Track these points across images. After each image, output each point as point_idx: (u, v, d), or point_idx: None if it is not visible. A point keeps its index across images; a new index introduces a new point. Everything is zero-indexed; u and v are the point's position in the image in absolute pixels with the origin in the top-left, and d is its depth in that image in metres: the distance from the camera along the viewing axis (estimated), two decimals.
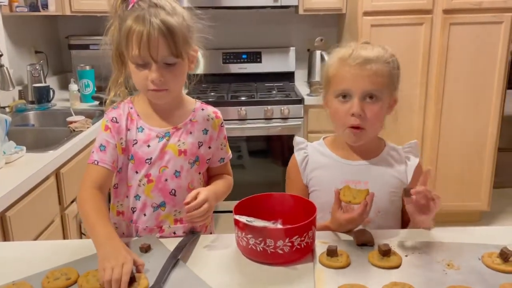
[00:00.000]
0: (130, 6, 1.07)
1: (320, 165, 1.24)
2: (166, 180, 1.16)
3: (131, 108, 1.18)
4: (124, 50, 1.09)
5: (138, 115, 1.17)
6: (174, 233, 1.18)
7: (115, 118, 1.16)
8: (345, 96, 1.15)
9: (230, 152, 1.29)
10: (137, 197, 1.17)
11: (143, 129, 1.16)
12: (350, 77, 1.13)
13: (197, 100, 1.25)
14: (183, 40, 1.06)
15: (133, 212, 1.18)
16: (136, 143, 1.15)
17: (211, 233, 1.26)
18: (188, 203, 1.06)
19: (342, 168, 1.21)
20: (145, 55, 1.05)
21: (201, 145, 1.19)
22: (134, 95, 1.21)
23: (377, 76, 1.13)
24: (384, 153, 1.23)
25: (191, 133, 1.18)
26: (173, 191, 1.17)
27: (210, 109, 1.24)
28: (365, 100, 1.14)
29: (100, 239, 0.99)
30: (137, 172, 1.16)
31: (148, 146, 1.15)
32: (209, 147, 1.21)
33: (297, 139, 1.30)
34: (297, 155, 1.26)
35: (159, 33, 1.03)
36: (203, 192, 1.09)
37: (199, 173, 1.21)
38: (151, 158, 1.15)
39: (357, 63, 1.12)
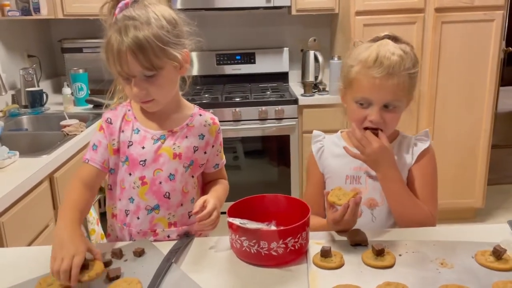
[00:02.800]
0: (113, 19, 1.07)
1: (334, 154, 1.30)
2: (160, 183, 1.16)
3: (129, 110, 1.19)
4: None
5: (135, 117, 1.18)
6: (168, 236, 1.18)
7: (110, 119, 1.18)
8: (363, 103, 1.16)
9: (224, 158, 1.30)
10: (131, 199, 1.17)
11: (139, 130, 1.17)
12: (371, 87, 1.13)
13: (195, 105, 1.26)
14: (158, 51, 1.04)
15: (127, 214, 1.18)
16: (131, 144, 1.16)
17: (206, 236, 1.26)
18: (197, 212, 1.06)
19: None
20: (120, 71, 1.06)
21: (197, 149, 1.20)
22: None
23: (398, 89, 1.13)
24: (395, 142, 1.26)
25: (187, 137, 1.18)
26: (167, 194, 1.17)
27: (208, 115, 1.24)
28: (384, 108, 1.15)
29: (60, 224, 1.02)
30: (130, 174, 1.16)
31: (143, 147, 1.15)
32: (205, 152, 1.22)
33: (315, 133, 1.37)
34: (314, 147, 1.34)
35: (127, 50, 1.02)
36: (211, 201, 1.09)
37: (193, 176, 1.21)
38: (145, 160, 1.15)
39: (381, 76, 1.11)
